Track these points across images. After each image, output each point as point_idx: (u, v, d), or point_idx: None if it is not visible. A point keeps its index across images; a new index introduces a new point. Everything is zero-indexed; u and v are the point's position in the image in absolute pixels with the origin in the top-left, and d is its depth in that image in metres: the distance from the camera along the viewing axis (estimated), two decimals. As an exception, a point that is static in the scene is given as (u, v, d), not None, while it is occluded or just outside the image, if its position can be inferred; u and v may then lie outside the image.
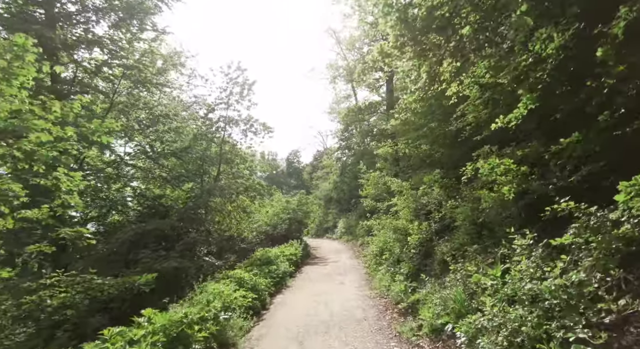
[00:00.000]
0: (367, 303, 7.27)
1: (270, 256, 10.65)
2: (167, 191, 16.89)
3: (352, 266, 13.10)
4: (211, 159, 18.02)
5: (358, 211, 25.94)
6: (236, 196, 18.25)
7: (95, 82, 14.53)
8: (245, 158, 19.42)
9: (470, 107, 6.88)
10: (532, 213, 5.46)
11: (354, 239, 21.91)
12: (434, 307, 5.20)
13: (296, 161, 65.73)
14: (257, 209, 22.28)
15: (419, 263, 7.44)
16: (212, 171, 18.61)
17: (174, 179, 15.77)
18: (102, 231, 13.92)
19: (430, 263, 7.32)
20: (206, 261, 13.75)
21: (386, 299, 7.22)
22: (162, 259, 10.82)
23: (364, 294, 8.06)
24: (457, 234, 7.07)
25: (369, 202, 19.23)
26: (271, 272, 9.45)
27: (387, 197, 17.96)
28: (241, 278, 7.24)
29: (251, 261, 10.19)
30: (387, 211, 17.14)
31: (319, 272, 12.45)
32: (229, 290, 6.10)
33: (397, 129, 14.12)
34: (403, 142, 13.13)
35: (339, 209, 31.40)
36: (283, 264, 10.76)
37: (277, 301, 8.32)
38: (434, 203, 8.82)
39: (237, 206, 19.16)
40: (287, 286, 10.16)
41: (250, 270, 8.77)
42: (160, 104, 14.05)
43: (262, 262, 10.07)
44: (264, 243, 17.40)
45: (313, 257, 17.31)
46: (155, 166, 14.45)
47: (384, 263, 9.23)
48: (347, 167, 27.70)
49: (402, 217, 9.48)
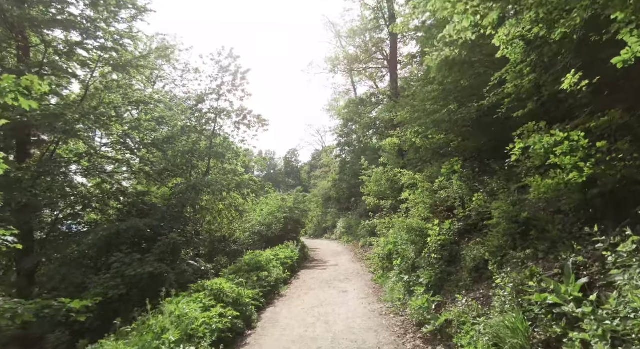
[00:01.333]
0: (378, 321, 5.81)
1: (261, 260, 9.17)
2: (153, 188, 15.42)
3: (354, 271, 11.64)
4: (200, 153, 16.55)
5: (359, 210, 24.58)
6: (227, 193, 16.79)
7: (72, 66, 13.02)
8: (238, 152, 17.96)
9: (510, 72, 5.44)
10: (610, 206, 4.02)
11: (354, 240, 20.54)
12: (479, 337, 3.75)
13: (294, 160, 64.65)
14: (251, 208, 20.83)
15: (441, 271, 5.99)
16: (202, 166, 17.16)
17: (158, 174, 14.26)
18: (75, 232, 12.41)
19: (458, 271, 5.88)
20: (192, 265, 12.29)
21: (402, 317, 5.76)
22: (136, 264, 9.33)
23: (373, 309, 6.60)
24: (492, 235, 5.64)
25: (372, 200, 17.81)
26: (261, 280, 7.98)
27: (391, 195, 16.58)
28: (220, 290, 5.77)
29: (238, 266, 8.70)
30: (395, 208, 15.74)
31: (317, 278, 10.99)
32: (197, 310, 4.57)
33: (406, 117, 12.70)
34: (412, 132, 11.70)
35: (338, 208, 30.06)
36: (276, 270, 9.30)
37: (266, 316, 6.85)
38: (455, 198, 7.38)
39: (229, 205, 17.72)
40: (281, 295, 8.69)
41: (233, 278, 7.28)
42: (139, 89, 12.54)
43: (250, 267, 8.59)
44: (258, 244, 15.92)
45: (311, 260, 15.84)
46: (134, 159, 12.91)
47: (395, 269, 7.78)
48: (347, 164, 26.31)
49: (417, 215, 8.04)
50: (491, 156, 8.85)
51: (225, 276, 7.84)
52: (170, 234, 10.38)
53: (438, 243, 6.37)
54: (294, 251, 12.99)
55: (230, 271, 8.38)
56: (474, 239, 6.26)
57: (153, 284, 9.50)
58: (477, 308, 4.48)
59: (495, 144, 9.07)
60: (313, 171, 45.70)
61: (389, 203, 16.50)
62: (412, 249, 7.29)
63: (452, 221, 6.55)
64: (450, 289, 5.64)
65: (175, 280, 10.12)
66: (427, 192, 7.94)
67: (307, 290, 9.25)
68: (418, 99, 11.25)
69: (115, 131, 11.58)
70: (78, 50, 12.46)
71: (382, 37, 19.38)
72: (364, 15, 18.13)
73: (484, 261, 5.44)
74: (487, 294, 4.82)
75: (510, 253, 5.01)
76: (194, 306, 4.66)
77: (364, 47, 17.85)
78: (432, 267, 6.18)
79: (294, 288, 9.72)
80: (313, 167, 47.90)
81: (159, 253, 10.01)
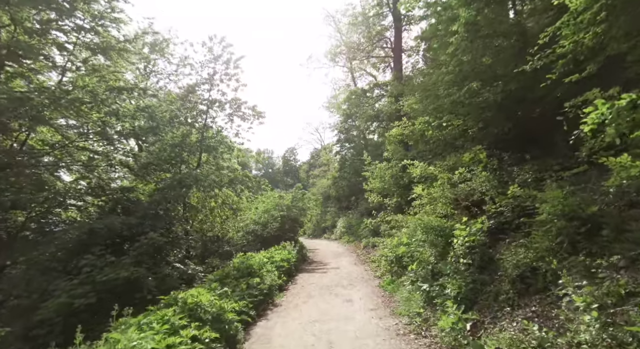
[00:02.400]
0: (397, 345, 4.60)
1: (253, 264, 7.95)
2: (140, 184, 14.21)
3: (358, 275, 10.46)
4: (191, 147, 15.33)
5: (359, 209, 23.51)
6: (219, 190, 15.57)
7: (49, 50, 11.77)
8: (232, 146, 16.74)
9: (569, 26, 4.24)
10: None
11: (355, 240, 19.42)
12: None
13: (293, 159, 63.62)
14: (247, 206, 19.62)
15: (473, 280, 4.81)
16: (193, 161, 15.95)
17: (143, 168, 13.02)
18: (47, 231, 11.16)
19: (494, 281, 4.70)
20: (178, 268, 11.09)
21: (427, 339, 4.57)
22: (109, 268, 8.12)
23: (387, 325, 5.40)
24: (538, 236, 4.47)
25: (375, 197, 16.65)
26: (252, 287, 6.77)
27: (396, 192, 15.40)
28: (196, 304, 4.57)
29: (225, 271, 7.48)
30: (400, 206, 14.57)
31: (317, 283, 9.80)
32: (158, 336, 3.34)
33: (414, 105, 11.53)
34: (422, 122, 10.53)
35: (338, 207, 29.01)
36: (270, 275, 8.09)
37: (256, 333, 5.64)
38: (482, 191, 6.20)
39: (222, 202, 16.52)
40: (275, 305, 7.49)
41: (217, 287, 6.07)
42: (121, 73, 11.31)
43: (240, 273, 7.38)
44: (252, 245, 14.72)
45: (310, 262, 14.65)
46: (115, 150, 11.67)
47: (410, 275, 6.60)
48: (347, 161, 25.16)
49: (433, 212, 6.87)
50: (517, 144, 7.70)
51: (208, 284, 6.60)
52: (150, 234, 9.15)
53: (466, 245, 5.18)
54: (291, 252, 11.80)
55: (215, 277, 7.17)
56: (510, 240, 5.09)
57: (129, 290, 8.31)
58: (535, 333, 3.30)
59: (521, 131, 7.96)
60: (312, 170, 44.74)
61: (394, 201, 15.33)
62: (431, 252, 6.11)
63: (483, 219, 5.37)
64: (487, 303, 4.46)
65: (156, 286, 8.92)
66: (448, 186, 6.76)
67: (305, 298, 8.06)
68: (430, 82, 10.08)
69: (91, 118, 10.34)
70: (54, 33, 11.27)
71: (386, 25, 18.21)
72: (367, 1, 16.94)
73: (530, 268, 4.27)
74: (544, 313, 3.65)
75: (571, 259, 3.84)
76: (151, 332, 3.45)
77: (367, 33, 16.65)
78: (461, 275, 4.99)
79: (290, 295, 8.53)
80: (312, 166, 46.95)
81: (136, 255, 8.79)
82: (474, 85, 7.32)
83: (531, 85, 7.29)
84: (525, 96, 7.34)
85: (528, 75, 7.34)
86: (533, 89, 7.32)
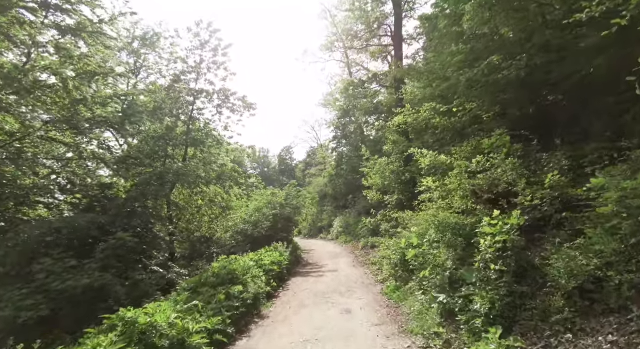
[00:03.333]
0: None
1: (236, 269, 6.80)
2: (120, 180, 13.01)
3: (358, 279, 9.37)
4: (176, 140, 14.15)
5: (357, 208, 22.48)
6: (206, 186, 14.40)
7: (14, 31, 10.50)
8: (220, 140, 15.55)
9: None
10: None
11: (353, 240, 18.37)
12: None
13: (289, 158, 62.62)
14: (237, 204, 18.45)
15: (510, 292, 3.72)
16: (178, 155, 14.76)
17: (120, 162, 11.80)
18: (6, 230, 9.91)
19: (539, 294, 3.61)
20: (156, 272, 9.94)
21: (454, 372, 3.50)
22: (68, 274, 6.93)
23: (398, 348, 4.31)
24: (595, 235, 3.40)
25: (374, 194, 15.58)
26: (232, 297, 5.62)
27: (397, 188, 14.35)
28: (150, 325, 3.44)
29: (202, 278, 6.30)
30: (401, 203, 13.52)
31: (311, 288, 8.69)
32: None
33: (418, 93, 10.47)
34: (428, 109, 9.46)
35: (334, 205, 27.95)
36: (256, 281, 6.96)
37: (234, 357, 4.53)
38: (509, 181, 5.11)
39: (209, 200, 15.34)
40: (261, 316, 6.37)
41: (185, 299, 4.92)
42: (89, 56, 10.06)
43: (219, 280, 6.22)
44: (241, 246, 13.56)
45: (304, 264, 13.54)
46: (85, 142, 10.43)
47: (422, 281, 5.51)
48: (344, 158, 24.10)
49: (450, 207, 5.78)
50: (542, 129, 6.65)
51: (177, 294, 5.44)
52: (118, 234, 7.96)
53: (496, 246, 4.09)
54: (283, 254, 10.67)
55: (189, 285, 6.00)
56: (560, 240, 4.00)
57: (92, 300, 7.13)
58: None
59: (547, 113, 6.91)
60: (308, 168, 43.78)
61: (395, 198, 14.28)
62: (448, 255, 5.01)
63: (518, 215, 4.27)
64: (533, 325, 3.38)
65: (127, 293, 7.75)
66: (466, 175, 5.67)
67: (297, 307, 6.94)
68: (437, 63, 9.03)
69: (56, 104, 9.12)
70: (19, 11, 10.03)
71: (386, 12, 17.11)
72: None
73: (593, 278, 3.20)
74: (631, 343, 2.56)
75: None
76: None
77: (365, 19, 15.55)
78: (492, 284, 3.90)
79: (280, 303, 7.40)
80: (308, 165, 46.00)
81: (103, 258, 7.60)
82: (494, 59, 6.23)
83: (559, 58, 6.27)
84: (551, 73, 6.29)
85: (557, 45, 6.34)
86: (562, 63, 6.29)
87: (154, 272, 9.93)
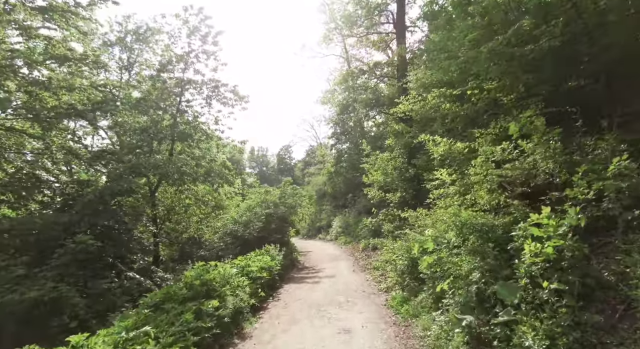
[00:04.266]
0: None
1: (214, 279, 5.69)
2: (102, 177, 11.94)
3: (358, 287, 8.27)
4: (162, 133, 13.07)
5: (357, 207, 21.40)
6: (193, 184, 13.30)
7: None
8: (210, 135, 14.44)
9: None
10: None
11: (353, 241, 17.30)
12: None
13: (287, 157, 61.78)
14: (229, 204, 17.35)
15: (575, 322, 2.63)
16: (165, 151, 13.69)
17: (96, 158, 10.70)
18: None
19: (620, 328, 2.52)
20: (133, 279, 8.87)
21: None
22: (11, 285, 5.83)
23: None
24: None
25: (376, 192, 14.46)
26: (204, 317, 4.51)
27: (401, 186, 13.24)
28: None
29: (170, 291, 5.16)
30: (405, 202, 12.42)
31: (306, 298, 7.59)
32: None
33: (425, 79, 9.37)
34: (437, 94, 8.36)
35: (333, 205, 26.88)
36: (238, 294, 5.85)
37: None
38: (548, 172, 4.01)
39: (197, 199, 14.25)
40: (242, 336, 5.27)
41: (138, 323, 3.83)
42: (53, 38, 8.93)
43: (192, 292, 5.11)
44: (231, 249, 12.45)
45: (300, 268, 12.47)
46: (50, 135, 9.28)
47: (437, 296, 4.41)
48: (344, 155, 23.03)
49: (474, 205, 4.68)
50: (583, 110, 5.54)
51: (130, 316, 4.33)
52: (78, 237, 6.83)
53: (548, 256, 2.98)
54: (276, 258, 9.55)
55: (152, 300, 4.89)
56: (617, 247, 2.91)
57: (42, 316, 6.03)
58: None
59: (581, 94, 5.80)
60: (307, 168, 42.91)
61: (398, 196, 13.18)
62: (474, 264, 3.91)
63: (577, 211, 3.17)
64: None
65: (89, 306, 6.65)
66: (492, 165, 4.57)
67: (287, 324, 5.84)
68: (447, 40, 7.93)
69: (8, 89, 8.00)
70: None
71: (387, 0, 15.98)
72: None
73: None
74: None
75: None
76: None
77: (366, 4, 14.44)
78: (547, 310, 2.80)
79: (268, 318, 6.31)
80: (307, 164, 45.16)
81: (59, 265, 6.49)
82: (524, 24, 5.12)
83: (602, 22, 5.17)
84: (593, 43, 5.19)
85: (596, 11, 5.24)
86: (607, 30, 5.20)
87: (131, 279, 8.86)
